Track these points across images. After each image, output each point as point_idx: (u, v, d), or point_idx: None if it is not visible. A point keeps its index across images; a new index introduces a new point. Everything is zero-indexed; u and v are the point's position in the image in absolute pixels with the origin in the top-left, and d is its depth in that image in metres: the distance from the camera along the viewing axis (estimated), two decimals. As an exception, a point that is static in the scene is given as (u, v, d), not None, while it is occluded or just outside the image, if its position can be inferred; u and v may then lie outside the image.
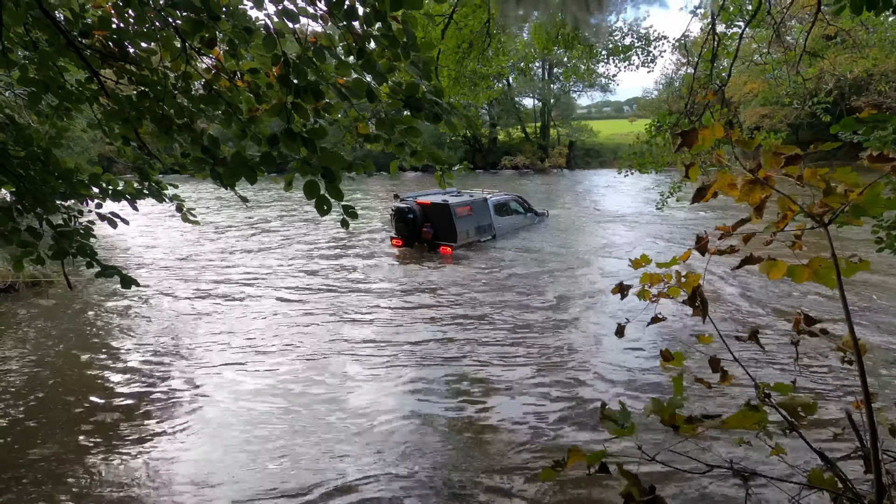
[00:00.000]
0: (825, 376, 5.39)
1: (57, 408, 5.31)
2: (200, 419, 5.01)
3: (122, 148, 3.11)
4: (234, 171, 1.82)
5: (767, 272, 1.80)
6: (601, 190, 25.47)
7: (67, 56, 2.54)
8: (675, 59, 33.20)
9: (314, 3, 1.98)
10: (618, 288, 2.04)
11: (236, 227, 16.55)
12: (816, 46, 10.56)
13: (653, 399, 1.29)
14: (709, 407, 4.75)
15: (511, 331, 7.02)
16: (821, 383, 5.27)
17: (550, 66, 39.41)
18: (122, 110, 2.50)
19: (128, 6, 2.36)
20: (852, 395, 4.86)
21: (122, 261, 12.19)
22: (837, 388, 5.14)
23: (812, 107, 8.37)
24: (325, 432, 4.71)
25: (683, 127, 7.29)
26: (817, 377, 5.39)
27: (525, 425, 4.73)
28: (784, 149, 1.73)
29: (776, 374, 5.34)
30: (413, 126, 2.20)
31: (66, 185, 2.84)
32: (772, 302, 7.81)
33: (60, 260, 2.49)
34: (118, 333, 7.39)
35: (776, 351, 5.95)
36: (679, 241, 12.83)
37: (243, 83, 2.38)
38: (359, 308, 8.21)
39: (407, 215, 12.03)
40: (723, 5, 6.63)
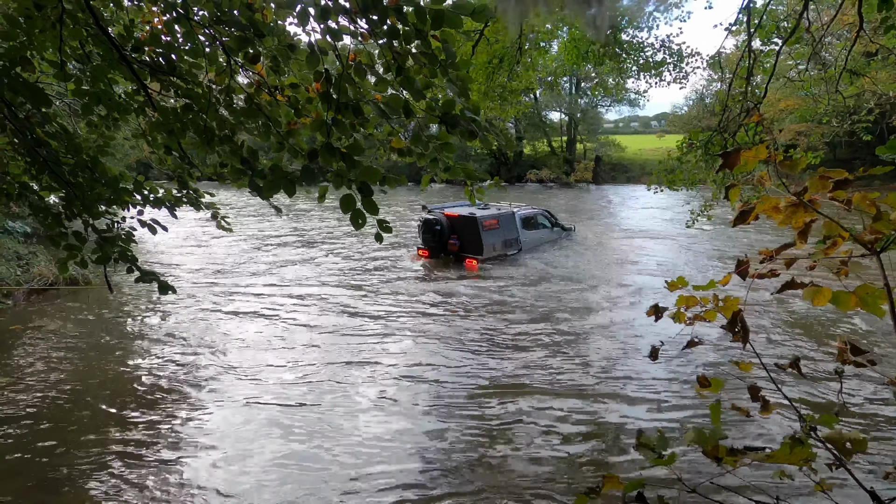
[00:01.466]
0: (871, 410, 5.13)
1: (84, 408, 5.47)
2: (223, 427, 5.07)
3: (163, 157, 3.23)
4: (274, 183, 1.87)
5: (811, 298, 1.74)
6: (629, 205, 25.12)
7: (119, 69, 2.66)
8: (707, 74, 32.70)
9: (355, 22, 2.03)
10: (653, 310, 2.00)
11: (268, 236, 16.91)
12: (857, 64, 10.27)
13: (694, 428, 1.25)
14: (745, 436, 4.56)
15: (534, 350, 6.92)
16: (867, 417, 5.00)
17: (578, 80, 39.33)
18: (167, 122, 2.60)
19: (177, 23, 2.47)
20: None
21: (156, 267, 12.58)
22: (886, 423, 4.87)
23: (852, 125, 8.10)
24: (343, 451, 4.71)
25: (716, 144, 7.16)
26: (863, 410, 5.13)
27: (550, 448, 4.62)
28: (832, 172, 1.68)
29: (818, 406, 5.11)
30: (448, 142, 2.22)
31: (112, 191, 2.95)
32: (814, 329, 7.52)
33: (103, 264, 2.58)
34: (149, 337, 7.60)
35: (817, 381, 5.70)
36: (710, 260, 12.51)
37: (283, 97, 2.45)
38: (379, 321, 8.25)
39: (434, 227, 12.09)
40: (759, 23, 6.51)
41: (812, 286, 1.78)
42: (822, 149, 21.83)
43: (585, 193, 32.79)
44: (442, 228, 12.08)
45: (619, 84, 11.56)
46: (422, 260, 12.52)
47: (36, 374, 6.23)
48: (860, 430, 4.64)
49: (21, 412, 5.32)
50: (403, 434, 4.88)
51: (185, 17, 2.45)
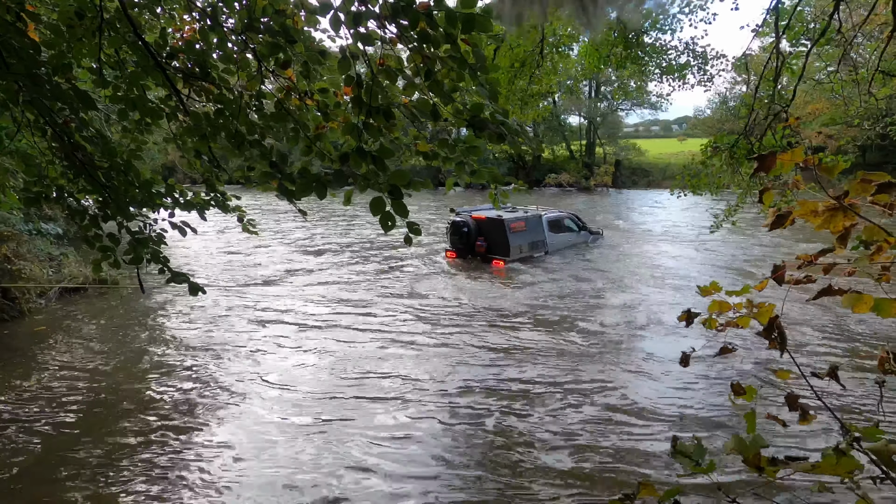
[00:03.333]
0: None
1: (107, 406, 5.61)
2: (241, 430, 5.13)
3: (193, 161, 3.30)
4: (306, 186, 1.90)
5: (851, 306, 1.69)
6: (650, 209, 24.77)
7: (153, 76, 2.74)
8: (730, 77, 32.11)
9: (384, 27, 2.05)
10: (684, 315, 1.96)
11: (293, 239, 17.15)
12: (888, 65, 9.98)
13: (734, 436, 1.22)
14: (778, 446, 4.43)
15: (559, 355, 6.85)
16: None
17: (598, 84, 39.03)
18: (199, 126, 2.66)
19: (211, 30, 2.53)
20: None
21: (184, 269, 12.87)
22: None
23: (885, 128, 7.85)
24: (358, 452, 4.73)
25: (742, 148, 7.02)
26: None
27: (577, 454, 4.55)
28: (874, 175, 1.63)
29: (858, 416, 4.90)
30: (475, 145, 2.22)
31: (145, 194, 3.03)
32: (853, 337, 7.27)
33: (136, 265, 2.65)
34: (175, 339, 7.75)
35: (856, 390, 5.51)
36: (734, 265, 12.25)
37: (312, 102, 2.49)
38: (405, 323, 8.28)
39: (462, 229, 12.38)
40: (788, 24, 6.38)
41: (852, 293, 1.73)
42: (854, 152, 21.23)
43: (605, 197, 32.45)
44: (469, 230, 12.36)
45: (641, 87, 11.45)
46: (449, 261, 12.75)
47: (63, 374, 6.41)
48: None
49: (46, 412, 5.47)
50: (419, 441, 4.88)
51: (217, 25, 2.51)
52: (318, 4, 2.03)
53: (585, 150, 41.56)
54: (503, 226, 12.00)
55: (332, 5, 1.91)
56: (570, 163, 40.38)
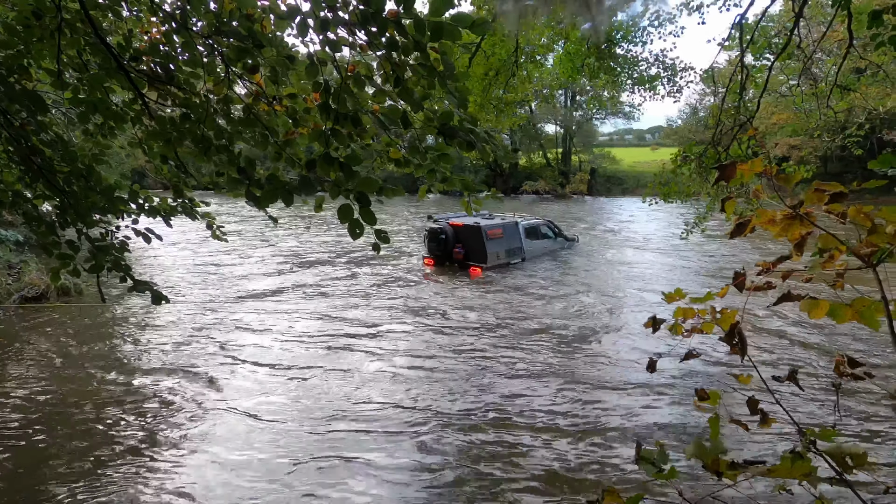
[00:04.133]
0: (868, 421, 5.12)
1: (73, 416, 5.38)
2: (210, 439, 4.99)
3: (160, 166, 3.21)
4: (272, 193, 1.86)
5: (808, 311, 1.74)
6: (625, 217, 25.26)
7: (117, 79, 2.66)
8: (700, 88, 33.13)
9: (354, 34, 2.04)
10: (650, 322, 1.99)
11: (261, 243, 16.85)
12: (845, 79, 10.45)
13: (694, 441, 1.24)
14: (743, 449, 4.53)
15: (532, 360, 6.89)
16: (864, 429, 5.00)
17: (573, 93, 39.73)
18: (164, 131, 2.59)
19: (176, 33, 2.47)
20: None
21: (149, 276, 12.49)
22: (881, 435, 4.86)
23: (844, 140, 8.22)
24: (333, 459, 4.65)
25: (710, 157, 7.23)
26: (860, 422, 5.12)
27: (546, 460, 4.58)
28: (828, 185, 1.69)
29: (815, 418, 5.09)
30: (445, 153, 2.22)
31: (107, 200, 2.93)
32: (811, 341, 7.52)
33: (96, 273, 2.56)
34: (140, 346, 7.51)
35: (815, 393, 5.69)
36: (705, 271, 12.59)
37: (281, 107, 2.45)
38: (379, 333, 8.20)
39: (439, 236, 12.44)
40: (752, 39, 6.62)
41: (809, 299, 1.78)
42: (815, 162, 22.14)
43: (581, 205, 32.97)
44: (447, 237, 12.44)
45: (614, 97, 11.71)
46: (427, 269, 12.76)
47: (24, 387, 6.13)
48: (859, 443, 4.62)
49: (6, 425, 5.22)
50: (395, 441, 4.83)
51: (184, 28, 2.46)
52: (286, 9, 2.00)
53: (561, 158, 42.19)
54: (480, 233, 12.10)
55: (300, 10, 1.89)
56: (547, 170, 40.90)
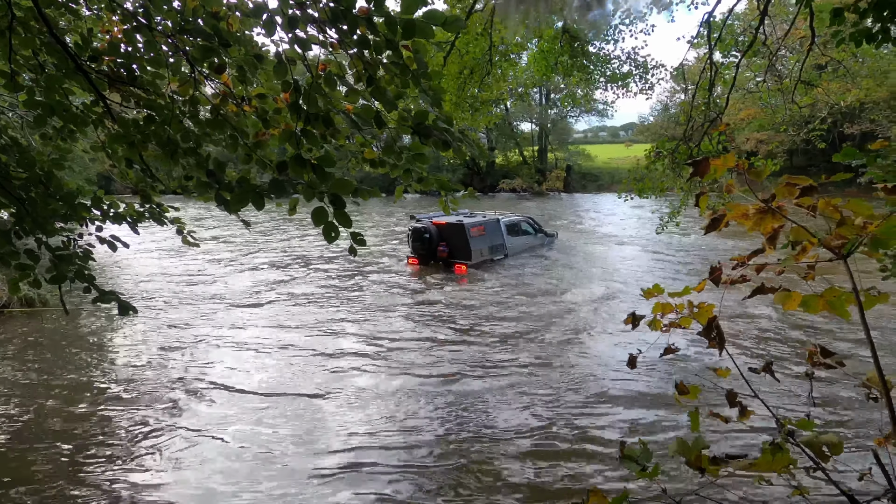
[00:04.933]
0: (842, 409, 5.23)
1: (40, 432, 5.16)
2: (181, 448, 4.84)
3: (125, 170, 3.09)
4: (242, 196, 1.80)
5: (782, 303, 1.76)
6: (601, 213, 25.63)
7: (75, 80, 2.54)
8: (670, 86, 33.86)
9: (324, 32, 1.99)
10: (630, 318, 2.00)
11: (236, 245, 16.51)
12: (808, 75, 10.80)
13: (678, 439, 1.24)
14: (724, 441, 4.59)
15: (515, 357, 6.90)
16: (838, 417, 5.10)
17: (548, 91, 40.12)
18: (127, 134, 2.49)
19: (138, 32, 2.38)
20: (873, 430, 4.65)
21: (117, 282, 12.10)
22: (854, 422, 4.97)
23: (808, 134, 8.50)
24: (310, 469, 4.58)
25: (682, 153, 7.37)
26: (834, 410, 5.23)
27: (527, 460, 4.55)
28: (798, 179, 1.71)
29: (792, 408, 5.17)
30: (421, 153, 2.19)
31: (68, 207, 2.80)
32: (786, 331, 7.66)
33: (58, 284, 2.44)
34: (108, 358, 7.25)
35: (791, 383, 5.79)
36: (682, 263, 12.87)
37: (251, 108, 2.38)
38: (362, 336, 8.11)
39: (423, 235, 12.47)
40: (719, 36, 6.77)
41: (782, 291, 1.81)
42: (782, 156, 22.85)
43: (558, 202, 33.32)
44: (431, 236, 12.47)
45: (587, 95, 11.86)
46: (411, 268, 12.78)
47: (-13, 402, 5.85)
48: (834, 431, 4.74)
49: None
50: (376, 445, 4.77)
51: (146, 27, 2.36)
52: (253, 6, 1.94)
53: (537, 156, 42.57)
54: (464, 230, 12.21)
55: (267, 8, 1.83)
56: (523, 168, 41.21)
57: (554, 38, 8.41)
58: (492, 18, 7.09)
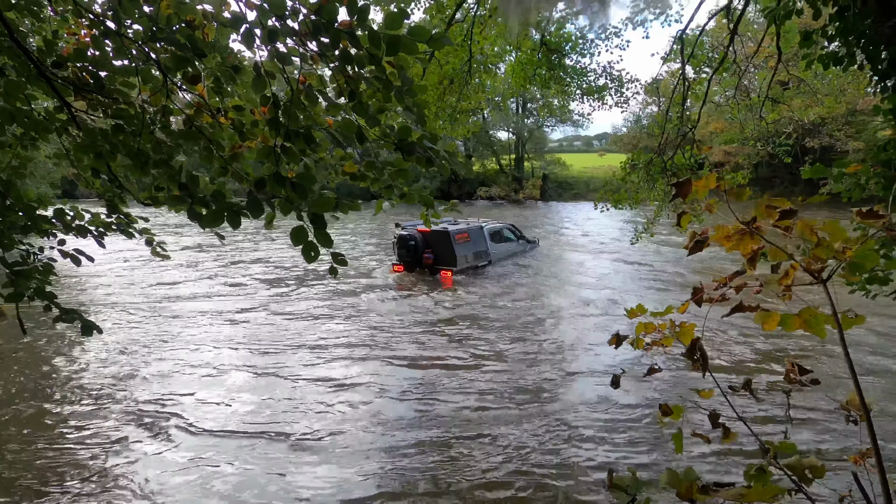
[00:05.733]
0: (818, 426, 5.22)
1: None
2: (160, 473, 4.66)
3: (91, 179, 2.95)
4: (217, 215, 1.72)
5: (762, 323, 1.78)
6: (578, 222, 25.99)
7: (37, 86, 2.41)
8: (643, 98, 34.72)
9: (305, 45, 1.94)
10: (614, 339, 1.99)
11: (219, 253, 16.07)
12: (774, 92, 11.23)
13: (668, 470, 1.22)
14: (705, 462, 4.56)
15: (497, 373, 6.81)
16: (815, 435, 5.10)
17: (525, 101, 40.64)
18: (94, 143, 2.37)
19: (106, 37, 2.27)
20: (847, 448, 4.67)
21: (81, 292, 11.61)
22: (830, 438, 4.98)
23: (774, 148, 8.81)
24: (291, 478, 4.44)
25: (657, 165, 7.52)
26: (810, 427, 5.21)
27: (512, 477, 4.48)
28: (777, 201, 1.74)
29: (770, 426, 5.14)
30: (403, 168, 2.15)
31: (28, 219, 2.65)
32: (764, 349, 7.62)
33: (15, 303, 2.29)
34: (71, 373, 6.93)
35: (769, 400, 5.76)
36: (659, 270, 13.18)
37: (227, 120, 2.30)
38: (348, 343, 7.97)
39: (409, 242, 12.58)
40: (692, 53, 6.96)
41: (762, 311, 1.83)
42: (749, 168, 23.67)
43: (535, 210, 33.66)
44: (416, 244, 12.59)
45: (564, 105, 12.04)
46: (396, 275, 12.88)
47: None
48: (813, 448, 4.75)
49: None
50: (357, 457, 4.67)
51: (115, 33, 2.26)
52: (230, 17, 1.87)
53: (514, 164, 43.00)
54: (449, 237, 12.39)
55: (245, 19, 1.77)
56: (501, 176, 41.58)
57: (532, 51, 8.50)
58: (471, 29, 7.12)
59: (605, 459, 4.70)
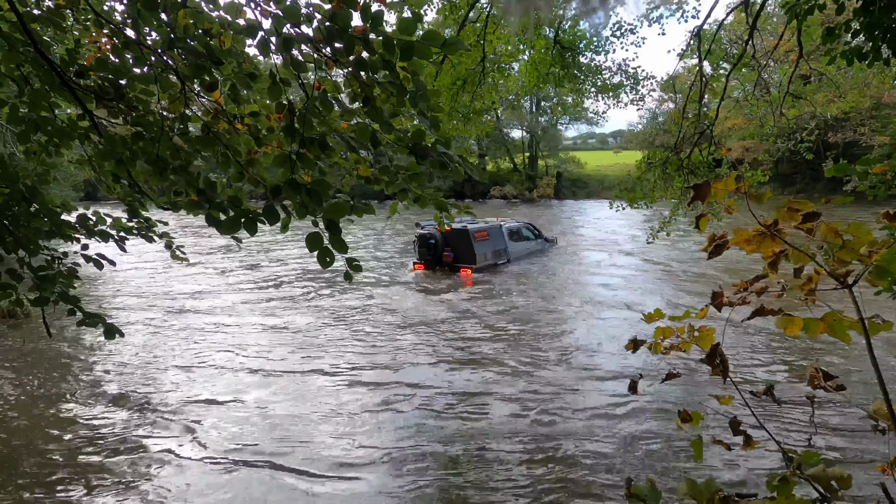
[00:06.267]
0: (843, 435, 4.99)
1: (20, 449, 5.00)
2: (175, 479, 4.73)
3: (111, 185, 3.01)
4: (234, 222, 1.74)
5: (784, 328, 1.74)
6: (594, 220, 25.78)
7: (61, 95, 2.47)
8: (659, 94, 34.25)
9: (319, 50, 1.95)
10: (631, 344, 1.97)
11: (232, 253, 16.32)
12: (795, 87, 10.97)
13: (688, 480, 1.20)
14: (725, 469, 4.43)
15: (510, 375, 6.73)
16: (840, 443, 4.89)
17: (538, 99, 40.39)
18: (114, 150, 2.42)
19: (126, 47, 2.32)
20: (875, 458, 4.47)
21: (103, 295, 11.87)
22: (855, 447, 4.76)
23: (796, 145, 8.60)
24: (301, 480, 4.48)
25: (673, 163, 7.41)
26: (835, 436, 4.99)
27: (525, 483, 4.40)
28: (799, 203, 1.70)
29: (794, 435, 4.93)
30: (417, 173, 2.15)
31: (52, 224, 2.72)
32: (786, 354, 7.34)
33: (41, 307, 2.35)
34: (93, 374, 7.07)
35: (792, 407, 5.43)
36: (677, 269, 13.04)
37: (243, 126, 2.32)
38: (368, 343, 8.02)
39: (429, 241, 12.78)
40: (709, 49, 6.84)
41: (784, 315, 1.79)
42: (769, 166, 23.22)
43: (548, 208, 33.45)
44: (436, 242, 12.80)
45: (577, 103, 11.95)
46: (416, 274, 13.07)
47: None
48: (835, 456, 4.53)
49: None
50: (366, 464, 4.69)
51: (134, 42, 2.30)
52: (245, 24, 1.89)
53: (528, 163, 42.78)
54: (468, 236, 12.59)
55: (261, 27, 1.78)
56: (514, 175, 41.40)
57: (546, 49, 8.44)
58: (485, 29, 7.10)
59: (623, 467, 4.58)
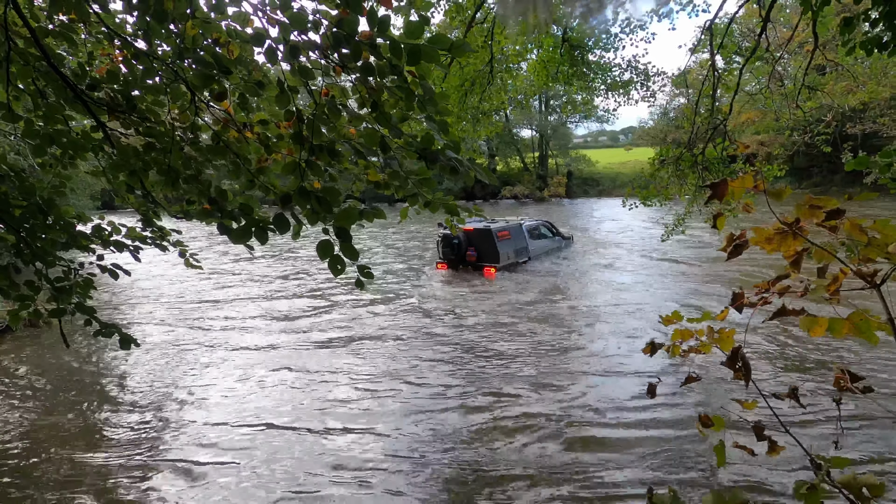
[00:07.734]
0: (871, 438, 4.79)
1: (37, 458, 5.08)
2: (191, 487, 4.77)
3: (125, 195, 3.04)
4: (245, 230, 1.74)
5: (808, 329, 1.69)
6: (608, 218, 25.55)
7: (74, 108, 2.50)
8: (669, 90, 33.89)
9: (327, 56, 1.94)
10: (649, 348, 1.93)
11: (246, 259, 16.49)
12: (811, 79, 10.76)
13: (713, 491, 1.16)
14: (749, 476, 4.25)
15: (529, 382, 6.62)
16: (868, 447, 4.68)
17: (547, 98, 40.20)
18: (127, 161, 2.44)
19: (136, 59, 2.34)
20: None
21: (119, 303, 12.06)
22: (884, 450, 4.58)
23: (812, 138, 8.43)
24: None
25: (687, 160, 7.29)
26: (862, 439, 4.79)
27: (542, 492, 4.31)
28: (822, 200, 1.65)
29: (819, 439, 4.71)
30: (427, 177, 2.13)
31: (68, 236, 2.76)
32: (810, 355, 6.99)
33: (58, 318, 2.38)
34: (109, 382, 7.17)
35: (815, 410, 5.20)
36: (695, 265, 12.96)
37: (253, 134, 2.33)
38: (393, 343, 8.04)
39: (452, 241, 12.97)
40: (721, 43, 6.73)
41: (807, 316, 1.73)
42: (785, 160, 22.80)
43: (560, 207, 33.24)
44: (460, 242, 13.00)
45: (587, 100, 11.86)
46: (440, 273, 13.35)
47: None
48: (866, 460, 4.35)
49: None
50: (380, 464, 4.68)
51: (145, 53, 2.32)
52: (252, 33, 1.89)
53: (538, 162, 42.58)
54: (491, 235, 12.78)
55: (268, 35, 1.78)
56: (525, 174, 41.23)
57: (554, 48, 8.38)
58: (492, 30, 7.07)
59: (643, 475, 4.43)
